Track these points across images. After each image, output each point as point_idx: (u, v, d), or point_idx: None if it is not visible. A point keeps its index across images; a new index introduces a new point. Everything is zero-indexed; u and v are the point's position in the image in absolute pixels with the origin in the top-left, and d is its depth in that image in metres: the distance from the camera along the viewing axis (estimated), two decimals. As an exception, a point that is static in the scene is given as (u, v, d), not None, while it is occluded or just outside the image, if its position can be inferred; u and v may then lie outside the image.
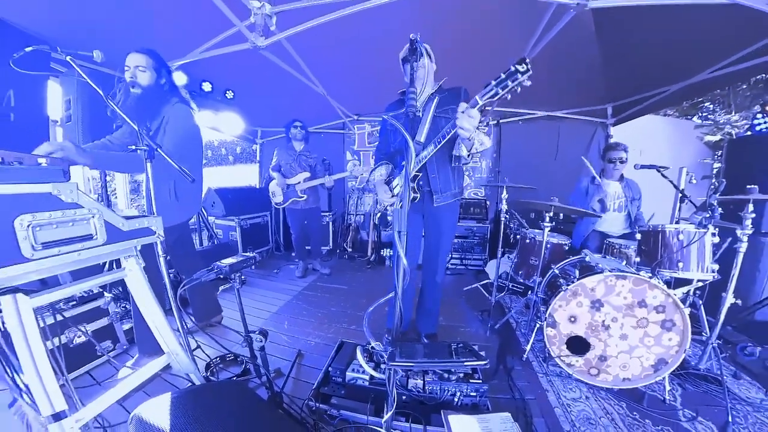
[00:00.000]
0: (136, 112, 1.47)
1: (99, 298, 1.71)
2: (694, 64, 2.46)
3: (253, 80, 2.91)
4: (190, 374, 1.34)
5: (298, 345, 1.93)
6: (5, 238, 0.81)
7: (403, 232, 0.98)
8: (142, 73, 1.54)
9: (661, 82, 2.85)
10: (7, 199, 0.82)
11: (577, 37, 2.19)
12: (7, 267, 0.80)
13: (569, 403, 1.46)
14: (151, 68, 1.56)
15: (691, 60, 2.42)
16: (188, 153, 1.66)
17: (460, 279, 3.37)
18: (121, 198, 3.20)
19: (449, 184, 1.69)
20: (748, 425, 1.37)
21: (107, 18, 1.91)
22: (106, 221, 1.08)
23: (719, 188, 1.51)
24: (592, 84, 3.11)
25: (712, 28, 1.93)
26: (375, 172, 1.81)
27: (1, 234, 0.80)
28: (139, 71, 1.53)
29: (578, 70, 2.80)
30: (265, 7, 1.74)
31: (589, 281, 1.51)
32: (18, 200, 0.85)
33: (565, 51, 2.35)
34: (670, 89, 2.84)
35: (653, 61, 2.53)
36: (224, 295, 2.69)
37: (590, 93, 3.36)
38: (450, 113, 1.57)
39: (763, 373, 1.71)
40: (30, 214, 0.86)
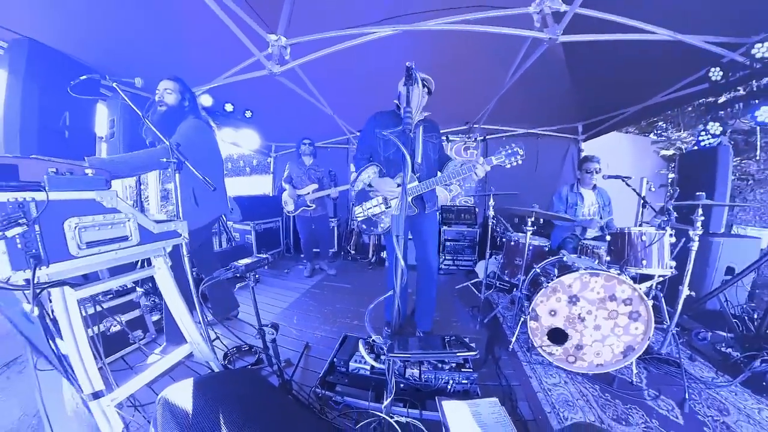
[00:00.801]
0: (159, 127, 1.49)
1: (132, 292, 1.74)
2: (649, 90, 2.59)
3: (268, 101, 2.98)
4: (210, 362, 1.35)
5: (306, 338, 1.92)
6: (57, 238, 0.85)
7: (401, 237, 1.00)
8: (169, 95, 1.64)
9: (622, 104, 2.98)
10: (59, 204, 0.86)
11: (550, 66, 2.29)
12: (58, 263, 0.84)
13: (550, 388, 1.47)
14: (177, 91, 1.65)
15: (646, 86, 2.54)
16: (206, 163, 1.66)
17: (452, 278, 3.37)
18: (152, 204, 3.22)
19: (434, 197, 1.80)
20: (702, 401, 1.41)
21: (147, 49, 2.01)
22: (139, 224, 1.11)
23: (674, 195, 1.57)
24: (564, 105, 3.22)
25: (661, 59, 2.04)
26: (367, 171, 1.72)
27: (53, 234, 0.84)
28: (167, 93, 1.63)
29: (552, 94, 2.90)
30: (281, 39, 1.81)
31: (566, 279, 1.54)
32: (67, 205, 0.89)
33: (541, 77, 2.44)
34: (630, 110, 2.97)
35: (615, 87, 2.64)
36: (240, 292, 2.67)
37: (563, 113, 3.47)
38: (434, 139, 1.74)
39: (714, 356, 1.74)
40: (77, 217, 0.90)
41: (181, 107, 1.67)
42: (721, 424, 1.27)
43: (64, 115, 1.74)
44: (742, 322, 1.82)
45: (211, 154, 1.76)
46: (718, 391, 1.47)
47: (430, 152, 1.72)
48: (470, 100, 3.17)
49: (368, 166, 1.74)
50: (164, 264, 1.25)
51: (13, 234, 0.75)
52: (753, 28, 1.63)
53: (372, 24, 1.89)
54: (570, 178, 3.93)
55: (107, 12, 1.66)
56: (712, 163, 2.32)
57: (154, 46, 1.99)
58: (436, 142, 1.75)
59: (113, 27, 1.78)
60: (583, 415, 1.29)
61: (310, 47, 2.01)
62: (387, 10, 1.84)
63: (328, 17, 1.87)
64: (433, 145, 1.74)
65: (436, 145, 1.75)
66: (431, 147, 1.72)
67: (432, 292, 1.90)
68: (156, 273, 1.24)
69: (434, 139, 1.74)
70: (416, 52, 2.25)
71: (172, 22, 1.81)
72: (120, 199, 1.04)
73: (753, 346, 1.63)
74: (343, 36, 1.94)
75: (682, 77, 2.28)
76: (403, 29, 1.87)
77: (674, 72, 2.25)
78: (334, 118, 3.60)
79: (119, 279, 1.10)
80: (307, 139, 3.11)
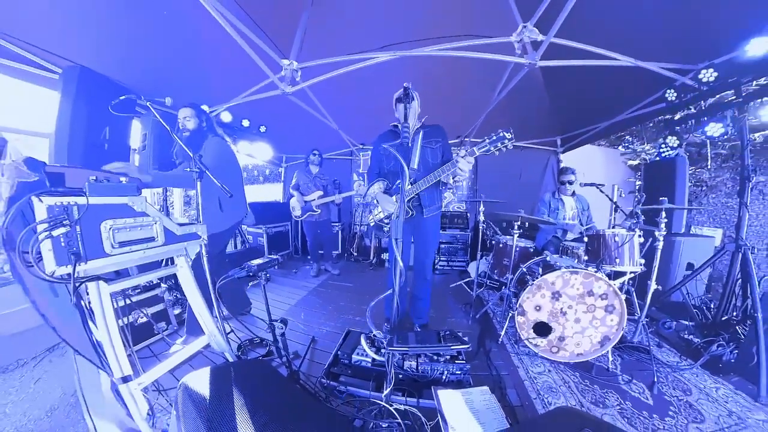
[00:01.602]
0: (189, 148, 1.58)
1: (157, 287, 1.75)
2: (617, 108, 2.67)
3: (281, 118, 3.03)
4: (225, 353, 1.34)
5: (312, 332, 1.91)
6: (94, 237, 0.87)
7: (399, 240, 1.02)
8: (189, 121, 1.75)
9: (594, 120, 3.08)
10: (97, 208, 0.89)
11: (531, 87, 2.36)
12: (95, 260, 0.86)
13: (535, 376, 1.47)
14: (194, 116, 1.76)
15: (614, 104, 2.63)
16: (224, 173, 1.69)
17: (446, 278, 3.37)
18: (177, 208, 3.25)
19: (434, 201, 1.77)
20: (669, 383, 1.43)
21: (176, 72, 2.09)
22: (164, 227, 1.13)
23: (641, 200, 1.61)
24: (544, 121, 3.30)
25: (624, 82, 2.12)
26: (373, 187, 1.80)
27: (91, 235, 0.87)
28: (187, 120, 1.74)
29: (533, 111, 2.98)
30: (293, 63, 1.87)
31: (550, 276, 1.56)
32: (104, 209, 0.92)
33: (523, 96, 2.51)
34: (601, 125, 3.06)
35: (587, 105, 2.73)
36: (253, 290, 2.66)
37: (543, 128, 3.55)
38: (434, 144, 1.69)
39: (679, 342, 1.77)
40: (111, 219, 0.93)
41: (200, 129, 1.78)
42: (685, 403, 1.29)
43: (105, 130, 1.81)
44: (701, 311, 1.85)
45: (229, 164, 1.82)
46: (682, 373, 1.50)
47: (429, 157, 1.67)
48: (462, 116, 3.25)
49: (376, 181, 1.80)
50: (185, 263, 1.27)
51: (59, 234, 0.78)
52: (699, 56, 1.73)
53: (373, 50, 1.96)
54: (551, 186, 3.98)
55: (144, 39, 1.74)
56: (672, 171, 2.41)
57: (182, 69, 2.07)
58: (437, 146, 1.68)
59: (148, 52, 1.86)
60: (564, 400, 1.30)
61: (319, 70, 2.08)
62: (387, 39, 1.92)
63: (335, 45, 1.95)
64: (433, 150, 1.68)
65: (437, 150, 1.68)
66: (430, 152, 1.67)
67: (427, 291, 1.90)
68: (178, 271, 1.26)
69: (434, 144, 1.68)
70: (413, 75, 2.33)
71: (198, 49, 1.89)
72: (149, 204, 1.07)
73: (711, 333, 1.66)
74: (348, 60, 2.00)
75: (643, 97, 2.36)
76: (401, 55, 1.94)
77: (637, 93, 2.34)
78: (339, 132, 3.66)
79: (146, 275, 1.12)
80: (316, 150, 3.16)
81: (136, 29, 1.64)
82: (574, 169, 2.55)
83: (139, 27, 1.63)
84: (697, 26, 1.55)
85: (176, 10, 1.55)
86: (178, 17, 1.59)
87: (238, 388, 0.91)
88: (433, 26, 1.80)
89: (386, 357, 1.10)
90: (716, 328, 1.67)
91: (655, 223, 1.62)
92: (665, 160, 2.20)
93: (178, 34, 1.74)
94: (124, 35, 1.69)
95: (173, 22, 1.62)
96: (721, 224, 4.29)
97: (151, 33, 1.70)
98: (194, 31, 1.72)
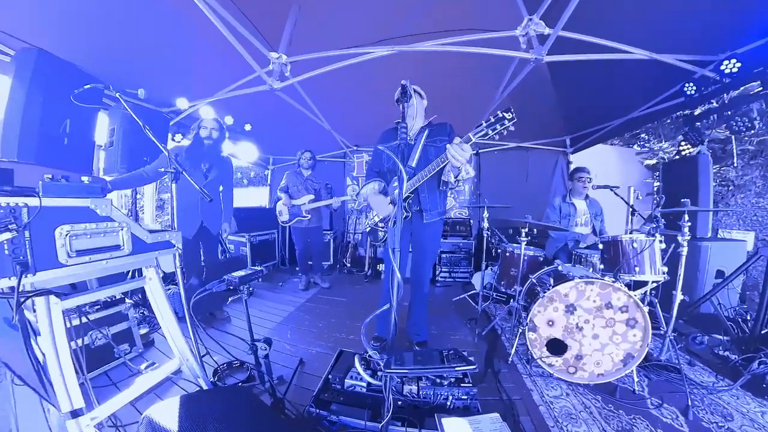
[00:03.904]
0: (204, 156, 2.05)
1: (120, 303, 1.67)
2: (630, 104, 2.73)
3: (268, 116, 3.04)
4: (199, 379, 1.28)
5: (300, 353, 1.85)
6: (46, 245, 0.82)
7: (397, 249, 0.99)
8: (216, 131, 2.07)
9: (606, 118, 3.13)
10: (52, 210, 0.85)
11: (537, 84, 2.41)
12: (45, 271, 0.81)
13: (552, 401, 1.43)
14: (219, 129, 2.09)
15: (627, 101, 2.69)
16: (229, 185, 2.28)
17: (449, 290, 3.33)
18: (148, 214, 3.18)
19: (436, 204, 1.74)
20: (705, 406, 1.38)
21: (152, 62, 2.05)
22: (132, 234, 1.09)
23: (660, 202, 1.61)
24: (552, 120, 3.36)
25: (639, 76, 2.17)
26: (366, 187, 1.78)
27: (43, 241, 0.81)
28: (214, 131, 2.07)
29: (540, 109, 3.04)
30: (282, 57, 1.88)
31: (562, 288, 1.53)
32: (61, 212, 0.87)
33: (529, 94, 2.56)
34: (613, 123, 3.12)
35: (598, 102, 2.79)
36: (233, 305, 2.59)
37: (551, 127, 3.61)
38: (438, 143, 1.69)
39: (712, 359, 1.73)
40: (69, 224, 0.88)
41: (220, 141, 2.12)
42: (726, 430, 1.25)
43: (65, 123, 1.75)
44: (737, 324, 1.83)
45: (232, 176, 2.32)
46: (720, 395, 1.46)
47: (431, 156, 1.65)
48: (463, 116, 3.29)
49: (371, 181, 1.79)
50: (155, 275, 1.22)
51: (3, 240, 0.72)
52: (720, 46, 1.77)
53: (369, 45, 1.98)
54: (560, 190, 4.03)
55: (114, 24, 1.70)
56: (694, 170, 2.41)
57: (158, 58, 2.04)
58: (441, 145, 1.66)
59: (120, 37, 1.82)
60: (587, 429, 1.25)
61: (310, 65, 2.09)
62: (383, 32, 1.94)
63: (328, 37, 1.96)
64: (437, 149, 1.66)
65: (441, 148, 1.65)
66: (433, 151, 1.67)
67: (424, 305, 1.88)
68: (147, 284, 1.21)
69: (438, 143, 1.68)
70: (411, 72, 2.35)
71: (177, 37, 1.87)
72: (115, 208, 1.03)
73: (749, 348, 1.62)
74: (342, 55, 2.02)
75: (659, 92, 2.41)
76: (399, 50, 1.96)
77: (653, 87, 2.39)
78: (332, 132, 3.68)
79: (108, 289, 1.07)
80: (308, 151, 3.15)
81: (108, 12, 1.60)
82: (588, 169, 2.56)
83: (111, 10, 1.59)
84: (716, 14, 1.58)
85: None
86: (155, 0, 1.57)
87: (213, 420, 0.86)
88: (432, 20, 1.83)
89: (383, 381, 1.06)
90: (756, 342, 1.63)
91: (677, 228, 1.61)
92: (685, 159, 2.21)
93: (154, 20, 1.71)
94: (92, 17, 1.63)
95: (150, 6, 1.60)
96: (752, 226, 4.26)
97: (124, 17, 1.66)
98: (173, 18, 1.70)
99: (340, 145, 4.31)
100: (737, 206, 4.43)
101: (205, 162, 2.06)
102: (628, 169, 5.52)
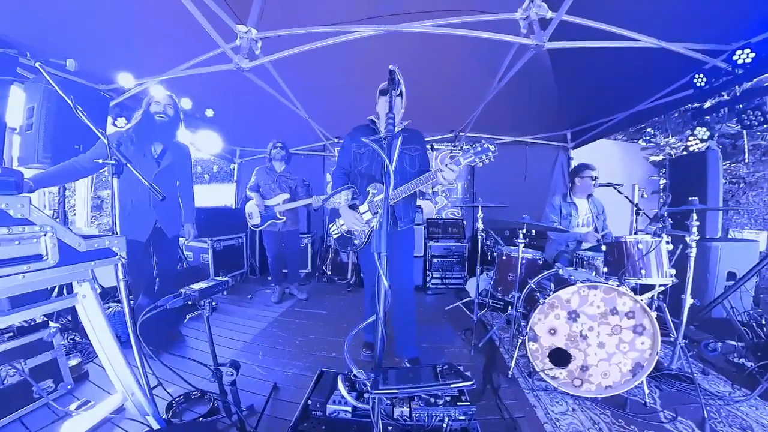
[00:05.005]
0: (157, 137, 1.89)
1: (42, 328, 1.49)
2: (636, 96, 2.85)
3: (234, 100, 2.91)
4: (148, 417, 1.17)
5: (273, 377, 1.79)
6: (-67, 256, 0.70)
7: (383, 253, 0.97)
8: (170, 108, 1.91)
9: (610, 111, 3.26)
10: (-59, 212, 0.72)
11: (537, 73, 2.47)
12: (-69, 291, 0.69)
13: (558, 417, 1.44)
14: (173, 105, 1.94)
15: (632, 93, 2.81)
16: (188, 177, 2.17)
17: (441, 299, 3.35)
18: (80, 215, 2.91)
19: (408, 213, 1.80)
20: (722, 418, 1.44)
21: (84, 26, 1.87)
22: (59, 240, 0.98)
23: (667, 201, 1.70)
24: (552, 113, 3.48)
25: (646, 66, 2.27)
26: (339, 196, 1.79)
27: (-72, 252, 0.69)
28: (168, 107, 1.91)
29: (539, 101, 3.13)
30: (251, 32, 1.79)
31: (564, 293, 1.56)
32: (-45, 214, 0.75)
33: (527, 84, 2.63)
34: (617, 117, 3.25)
35: (602, 94, 2.90)
36: (192, 323, 2.45)
37: (551, 120, 3.74)
38: (413, 152, 1.78)
39: (727, 367, 1.80)
40: (-32, 230, 0.76)
41: (176, 118, 1.95)
42: None
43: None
44: (751, 329, 1.91)
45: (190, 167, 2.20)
46: (738, 406, 1.51)
47: (406, 164, 1.74)
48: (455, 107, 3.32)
49: (343, 189, 1.83)
50: (91, 291, 1.10)
51: None
52: (733, 35, 1.85)
53: (353, 23, 1.94)
54: (560, 188, 4.18)
55: None
56: (702, 167, 2.52)
57: (97, 23, 1.86)
58: (415, 154, 1.78)
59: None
60: (596, 448, 1.27)
61: (285, 43, 2.01)
62: (369, 9, 1.91)
63: (306, 12, 1.90)
64: (411, 158, 1.76)
65: (415, 157, 1.77)
66: (408, 159, 1.75)
67: (411, 315, 1.89)
68: (79, 302, 1.08)
69: (413, 151, 1.77)
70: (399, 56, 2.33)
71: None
72: (35, 208, 0.92)
73: (766, 355, 1.69)
74: (322, 33, 1.96)
75: (667, 84, 2.52)
76: (386, 30, 1.93)
77: (660, 78, 2.50)
78: (310, 122, 3.59)
79: (24, 311, 0.94)
80: (279, 142, 3.04)
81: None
82: (593, 165, 2.62)
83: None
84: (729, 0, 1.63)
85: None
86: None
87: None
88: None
89: (371, 404, 1.03)
90: None
91: (685, 227, 1.67)
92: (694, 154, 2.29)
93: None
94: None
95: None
96: (764, 226, 4.46)
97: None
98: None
99: (318, 136, 4.23)
100: (748, 205, 4.63)
101: (156, 144, 1.91)
102: (632, 166, 5.74)
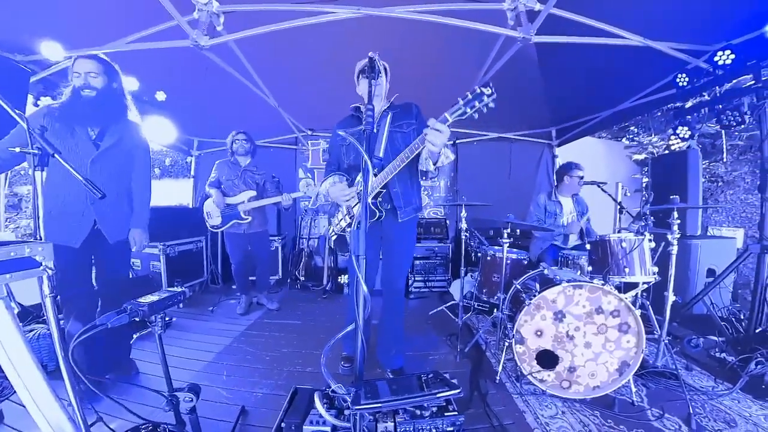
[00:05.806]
0: (89, 117, 1.62)
1: None
2: (620, 95, 3.08)
3: (191, 83, 2.75)
4: None
5: (241, 400, 1.71)
6: None
7: (362, 256, 0.97)
8: (94, 78, 1.62)
9: (595, 110, 3.51)
10: None
11: (523, 67, 2.58)
12: None
13: (547, 422, 1.49)
14: (102, 73, 1.64)
15: (616, 91, 3.02)
16: (142, 170, 1.86)
17: (424, 302, 3.40)
18: None
19: (411, 199, 1.74)
20: (707, 413, 1.56)
21: None
22: None
23: (649, 199, 1.84)
24: (537, 109, 3.67)
25: (631, 64, 2.45)
26: (324, 183, 1.76)
27: None
28: (91, 77, 1.61)
29: (525, 96, 3.28)
30: (212, 4, 1.69)
31: (549, 293, 1.63)
32: None
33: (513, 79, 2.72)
34: (602, 115, 3.50)
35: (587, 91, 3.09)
36: (141, 343, 2.26)
37: (536, 117, 3.94)
38: (405, 128, 1.71)
39: (709, 362, 1.97)
40: None
41: (111, 90, 1.68)
42: None
43: None
44: (731, 324, 2.10)
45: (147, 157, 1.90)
46: (721, 400, 1.65)
47: (399, 143, 1.65)
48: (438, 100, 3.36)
49: (328, 176, 1.79)
50: (5, 311, 0.96)
51: None
52: (714, 36, 2.03)
53: (330, 2, 1.89)
54: (545, 186, 4.41)
55: None
56: (683, 166, 2.74)
57: None
58: (409, 130, 1.69)
59: None
60: (587, 450, 1.34)
61: (252, 20, 1.92)
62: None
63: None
64: (404, 135, 1.68)
65: (409, 133, 1.68)
66: (401, 137, 1.67)
67: (399, 323, 1.89)
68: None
69: (406, 127, 1.69)
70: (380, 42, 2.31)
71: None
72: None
73: (745, 348, 1.86)
74: (295, 12, 1.91)
75: (651, 83, 2.74)
76: (366, 13, 1.91)
77: (645, 77, 2.70)
78: (280, 111, 3.48)
79: None
80: (241, 133, 2.90)
81: None
82: (581, 165, 2.77)
83: None
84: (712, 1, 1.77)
85: None
86: None
87: None
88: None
89: (352, 421, 1.03)
90: (751, 342, 1.86)
91: (666, 225, 1.82)
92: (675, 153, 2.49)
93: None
94: None
95: None
96: (741, 223, 4.86)
97: None
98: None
99: (290, 128, 4.13)
100: (726, 203, 5.09)
101: (92, 125, 1.66)
102: (616, 164, 6.21)
